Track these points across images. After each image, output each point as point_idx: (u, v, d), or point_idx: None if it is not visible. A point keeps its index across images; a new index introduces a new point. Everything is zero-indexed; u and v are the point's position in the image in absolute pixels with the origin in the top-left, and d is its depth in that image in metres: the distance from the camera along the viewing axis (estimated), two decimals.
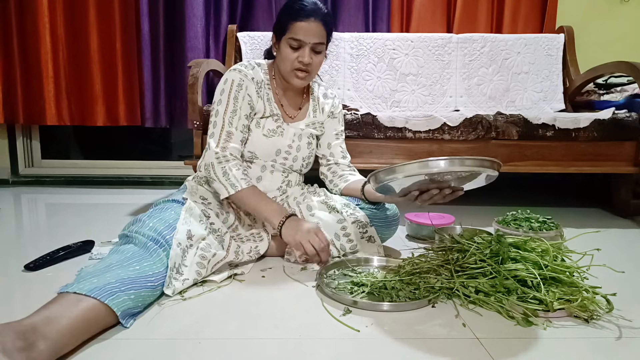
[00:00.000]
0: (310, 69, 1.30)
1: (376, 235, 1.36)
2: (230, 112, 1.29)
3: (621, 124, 1.89)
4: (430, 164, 0.98)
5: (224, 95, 1.30)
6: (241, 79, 1.31)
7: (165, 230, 1.06)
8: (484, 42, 2.46)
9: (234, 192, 1.22)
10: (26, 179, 2.76)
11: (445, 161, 0.98)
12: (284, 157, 1.38)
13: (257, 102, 1.34)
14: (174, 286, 1.04)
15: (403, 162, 1.01)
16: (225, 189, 1.23)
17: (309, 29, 1.25)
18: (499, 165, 1.02)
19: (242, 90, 1.30)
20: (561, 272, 1.02)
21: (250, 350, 0.84)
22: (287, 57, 1.29)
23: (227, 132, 1.28)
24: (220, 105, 1.30)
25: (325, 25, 1.28)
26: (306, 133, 1.42)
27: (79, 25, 2.50)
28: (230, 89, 1.30)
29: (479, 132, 1.90)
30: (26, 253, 1.35)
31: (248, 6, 2.54)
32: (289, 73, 1.31)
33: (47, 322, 0.77)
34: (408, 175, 1.02)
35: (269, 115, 1.36)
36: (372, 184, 1.12)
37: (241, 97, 1.30)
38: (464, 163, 0.99)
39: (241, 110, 1.30)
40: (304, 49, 1.27)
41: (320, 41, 1.28)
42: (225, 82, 1.31)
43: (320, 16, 1.27)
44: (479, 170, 1.01)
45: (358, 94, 2.45)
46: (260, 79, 1.35)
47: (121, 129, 2.62)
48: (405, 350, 0.85)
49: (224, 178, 1.23)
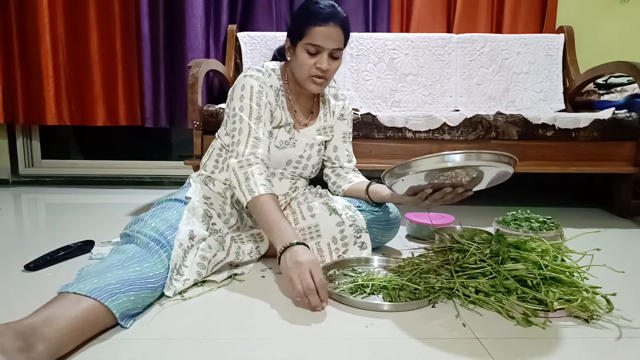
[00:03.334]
0: (328, 75, 1.25)
1: (369, 242, 1.32)
2: (254, 118, 1.23)
3: (621, 124, 1.89)
4: (446, 157, 0.98)
5: (245, 101, 1.23)
6: (260, 86, 1.25)
7: (167, 230, 1.06)
8: (484, 42, 2.46)
9: (250, 197, 1.13)
10: (26, 179, 2.76)
11: (462, 155, 0.97)
12: (295, 166, 1.37)
13: (276, 110, 1.30)
14: (174, 287, 1.04)
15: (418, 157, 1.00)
16: (244, 195, 1.15)
17: (328, 34, 1.19)
18: (516, 162, 1.02)
19: (263, 97, 1.25)
20: (561, 272, 1.02)
21: (250, 350, 0.84)
22: (304, 63, 1.23)
23: (254, 138, 1.21)
24: (243, 111, 1.23)
25: (343, 30, 1.22)
26: (318, 141, 1.40)
27: (79, 25, 2.50)
28: (251, 95, 1.24)
29: (479, 132, 1.90)
30: (26, 253, 1.34)
31: (248, 6, 2.54)
32: (306, 79, 1.25)
33: (46, 322, 0.77)
34: (424, 170, 1.01)
35: (283, 125, 1.32)
36: (387, 180, 1.11)
37: (263, 104, 1.25)
38: (480, 157, 0.98)
39: (265, 116, 1.25)
40: (322, 55, 1.21)
41: (338, 47, 1.22)
42: (244, 89, 1.25)
43: (339, 20, 1.21)
44: (495, 165, 1.00)
45: (358, 94, 2.45)
46: (277, 86, 1.30)
47: (121, 129, 2.62)
48: (405, 351, 0.85)
49: (245, 183, 1.15)
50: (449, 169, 1.02)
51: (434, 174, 1.06)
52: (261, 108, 1.24)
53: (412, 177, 1.06)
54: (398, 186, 1.14)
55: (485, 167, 1.03)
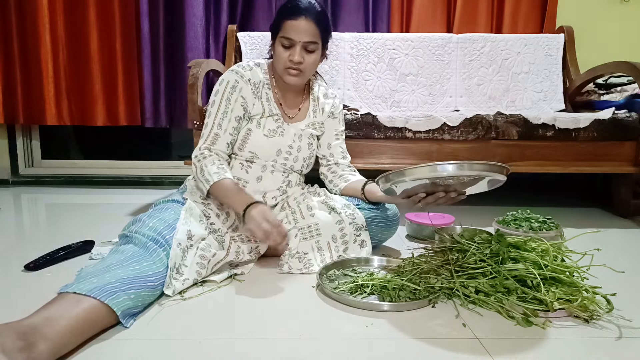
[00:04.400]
0: (303, 67, 1.29)
1: (369, 240, 1.33)
2: (221, 113, 1.30)
3: (621, 124, 1.89)
4: (439, 167, 1.00)
5: (217, 97, 1.31)
6: (236, 80, 1.31)
7: (165, 230, 1.07)
8: (484, 42, 2.46)
9: (208, 187, 1.21)
10: (26, 179, 2.76)
11: (454, 165, 0.99)
12: (285, 157, 1.38)
13: (254, 103, 1.33)
14: (174, 286, 1.04)
15: (413, 166, 1.03)
16: (203, 186, 1.23)
17: (299, 28, 1.24)
18: (507, 171, 1.03)
19: (236, 92, 1.31)
20: (561, 272, 1.02)
21: (250, 350, 0.84)
22: (279, 56, 1.29)
23: (215, 134, 1.30)
24: (213, 106, 1.31)
25: (317, 24, 1.26)
26: (306, 133, 1.41)
27: (79, 25, 2.50)
28: (224, 90, 1.31)
29: (479, 132, 1.90)
30: (26, 253, 1.34)
31: (248, 6, 2.54)
32: (282, 71, 1.31)
33: (47, 322, 0.77)
34: (417, 178, 1.04)
35: (269, 115, 1.35)
36: (381, 185, 1.13)
37: (234, 99, 1.30)
38: (472, 167, 1.00)
39: (232, 112, 1.30)
40: (294, 48, 1.26)
41: (311, 40, 1.26)
42: (221, 83, 1.32)
43: (313, 14, 1.25)
44: (487, 174, 1.02)
45: (358, 94, 2.45)
46: (258, 79, 1.34)
47: (121, 129, 2.62)
48: (405, 350, 0.85)
49: (201, 175, 1.24)
50: (441, 177, 1.03)
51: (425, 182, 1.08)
52: (230, 103, 1.30)
53: (405, 184, 1.09)
54: (391, 190, 1.16)
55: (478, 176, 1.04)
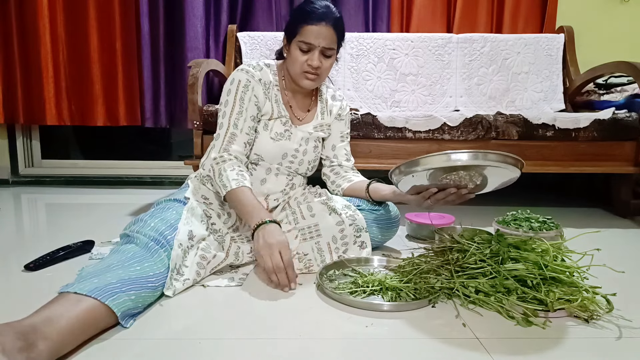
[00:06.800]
0: (320, 72, 1.30)
1: (369, 242, 1.32)
2: (236, 113, 1.29)
3: (621, 124, 1.89)
4: (452, 156, 0.99)
5: (230, 96, 1.30)
6: (248, 80, 1.31)
7: (166, 230, 1.06)
8: (484, 42, 2.46)
9: (224, 192, 1.20)
10: (26, 179, 2.76)
11: (469, 154, 0.99)
12: (290, 160, 1.38)
13: (265, 103, 1.33)
14: (174, 287, 1.04)
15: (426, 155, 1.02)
16: (220, 191, 1.22)
17: (320, 33, 1.25)
18: (522, 165, 1.03)
19: (249, 91, 1.30)
20: (561, 272, 1.02)
21: (250, 350, 0.84)
22: (296, 60, 1.28)
23: (232, 133, 1.28)
24: (227, 106, 1.30)
25: (336, 30, 1.27)
26: (314, 137, 1.41)
27: (79, 25, 2.50)
28: (237, 89, 1.30)
29: (479, 132, 1.90)
30: (26, 253, 1.34)
31: (248, 6, 2.54)
32: (299, 75, 1.30)
33: (47, 322, 0.77)
34: (431, 167, 1.03)
35: (277, 117, 1.35)
36: (394, 177, 1.12)
37: (247, 98, 1.30)
38: (487, 157, 0.99)
39: (247, 111, 1.30)
40: (313, 52, 1.27)
41: (330, 46, 1.28)
42: (232, 83, 1.31)
43: (332, 20, 1.26)
44: (501, 165, 1.01)
45: (358, 94, 2.45)
46: (268, 80, 1.35)
47: (121, 129, 2.62)
48: (405, 350, 0.85)
49: (219, 179, 1.22)
50: (455, 168, 1.02)
51: (438, 174, 1.06)
52: (244, 102, 1.29)
53: (418, 175, 1.08)
54: (403, 184, 1.16)
55: (490, 171, 1.04)
